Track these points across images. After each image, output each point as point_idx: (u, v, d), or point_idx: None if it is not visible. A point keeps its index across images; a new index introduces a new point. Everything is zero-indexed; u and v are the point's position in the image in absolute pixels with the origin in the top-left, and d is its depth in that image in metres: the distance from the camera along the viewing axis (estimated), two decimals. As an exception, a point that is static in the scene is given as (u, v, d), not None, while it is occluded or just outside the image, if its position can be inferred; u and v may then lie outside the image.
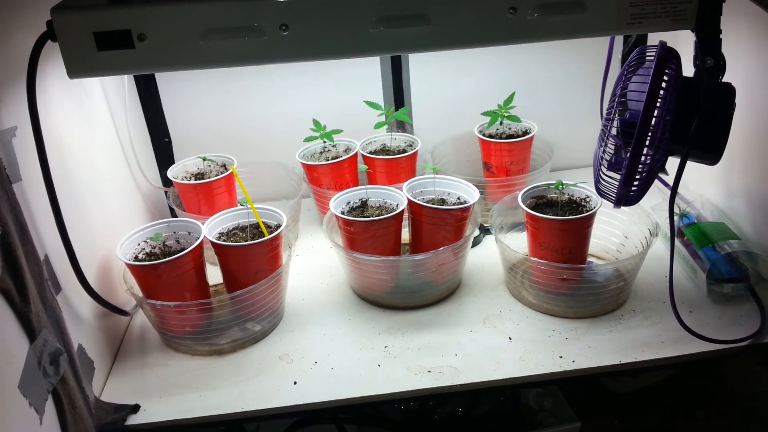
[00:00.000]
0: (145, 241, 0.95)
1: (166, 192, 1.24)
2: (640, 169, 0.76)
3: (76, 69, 0.68)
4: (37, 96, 0.71)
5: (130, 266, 0.90)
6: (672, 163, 0.79)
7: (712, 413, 1.10)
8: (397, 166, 1.17)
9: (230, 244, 0.93)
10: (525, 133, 1.19)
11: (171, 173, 1.13)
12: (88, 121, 0.98)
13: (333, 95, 1.26)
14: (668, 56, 0.73)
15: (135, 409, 0.84)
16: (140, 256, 0.93)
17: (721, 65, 0.72)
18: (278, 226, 0.96)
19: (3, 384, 0.64)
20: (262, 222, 0.97)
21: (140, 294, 0.91)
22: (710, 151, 0.76)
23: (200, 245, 0.92)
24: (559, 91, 1.31)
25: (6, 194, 0.68)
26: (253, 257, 0.93)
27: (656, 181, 1.15)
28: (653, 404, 1.15)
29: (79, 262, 0.81)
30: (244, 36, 0.68)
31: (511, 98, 1.17)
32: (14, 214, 0.69)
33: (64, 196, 0.79)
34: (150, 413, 0.84)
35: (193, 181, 1.13)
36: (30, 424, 0.67)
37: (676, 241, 1.00)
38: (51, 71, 0.83)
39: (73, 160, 0.89)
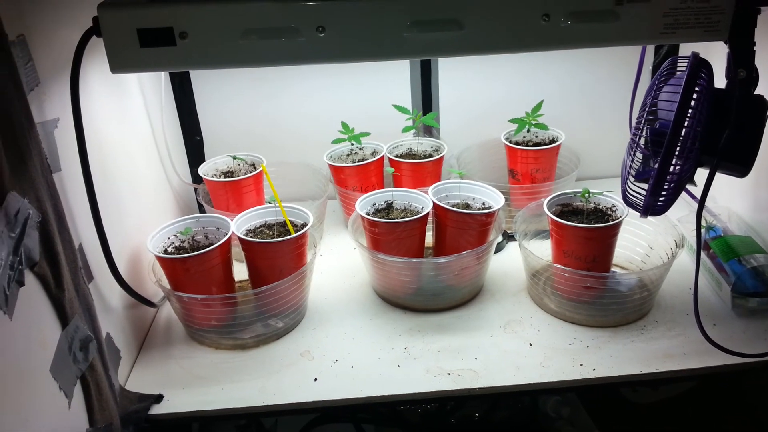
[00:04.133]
0: (174, 235, 0.97)
1: (196, 189, 1.26)
2: (668, 179, 0.76)
3: (119, 64, 0.71)
4: (79, 90, 0.74)
5: (159, 259, 0.92)
6: (700, 175, 0.78)
7: (732, 428, 1.09)
8: (423, 170, 1.18)
9: (257, 240, 0.95)
10: (552, 141, 1.19)
11: (202, 170, 1.15)
12: (126, 116, 1.01)
13: (362, 98, 1.28)
14: (700, 67, 0.73)
15: (158, 399, 0.85)
16: (170, 249, 0.95)
17: (753, 77, 0.72)
18: (304, 225, 0.97)
19: (36, 366, 0.66)
20: (289, 220, 0.99)
21: (168, 286, 0.93)
22: (740, 164, 0.75)
23: (228, 241, 0.94)
24: (588, 101, 1.30)
25: (46, 183, 0.70)
26: (279, 254, 0.95)
27: (683, 194, 1.15)
28: (673, 417, 1.14)
29: (111, 253, 0.83)
30: (281, 37, 0.70)
31: (539, 106, 1.18)
32: (53, 203, 0.71)
33: (100, 188, 0.81)
34: (173, 403, 0.85)
35: (222, 179, 1.15)
36: (59, 406, 0.69)
37: (702, 254, 1.00)
38: (93, 67, 0.86)
39: (110, 154, 0.91)
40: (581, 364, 0.87)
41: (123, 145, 0.98)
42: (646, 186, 0.79)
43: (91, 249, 0.82)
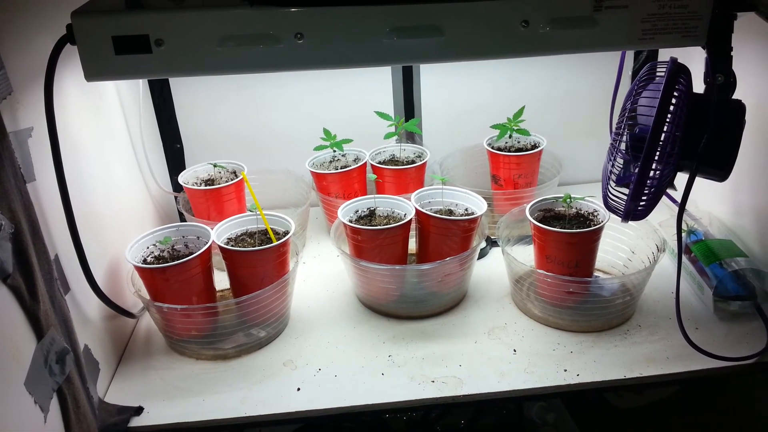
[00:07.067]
0: (154, 245, 0.96)
1: (176, 197, 1.25)
2: (648, 184, 0.76)
3: (94, 72, 0.70)
4: (54, 98, 0.73)
5: (138, 269, 0.91)
6: (680, 179, 0.79)
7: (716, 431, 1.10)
8: (405, 176, 1.18)
9: (238, 249, 0.94)
10: (534, 146, 1.19)
11: (182, 179, 1.14)
12: (103, 124, 0.99)
13: (343, 105, 1.27)
14: (679, 72, 0.73)
15: (138, 411, 0.84)
16: (149, 259, 0.94)
17: (731, 82, 0.73)
18: (286, 233, 0.96)
19: (10, 380, 0.64)
20: (271, 228, 0.98)
21: (147, 297, 0.92)
22: (719, 168, 0.76)
23: (208, 250, 0.93)
24: (569, 106, 1.31)
25: (20, 193, 0.69)
26: (261, 263, 0.94)
27: (664, 198, 1.16)
28: (656, 421, 1.15)
29: (88, 263, 0.81)
30: (259, 44, 0.69)
31: (520, 112, 1.18)
32: (27, 213, 0.70)
33: (76, 198, 0.80)
34: (153, 416, 0.84)
35: (203, 187, 1.13)
36: (34, 421, 0.67)
37: (683, 258, 1.00)
38: (68, 74, 0.85)
39: (87, 163, 0.90)
40: (565, 370, 0.87)
41: (100, 154, 0.96)
42: (626, 191, 0.79)
43: (68, 260, 0.81)
